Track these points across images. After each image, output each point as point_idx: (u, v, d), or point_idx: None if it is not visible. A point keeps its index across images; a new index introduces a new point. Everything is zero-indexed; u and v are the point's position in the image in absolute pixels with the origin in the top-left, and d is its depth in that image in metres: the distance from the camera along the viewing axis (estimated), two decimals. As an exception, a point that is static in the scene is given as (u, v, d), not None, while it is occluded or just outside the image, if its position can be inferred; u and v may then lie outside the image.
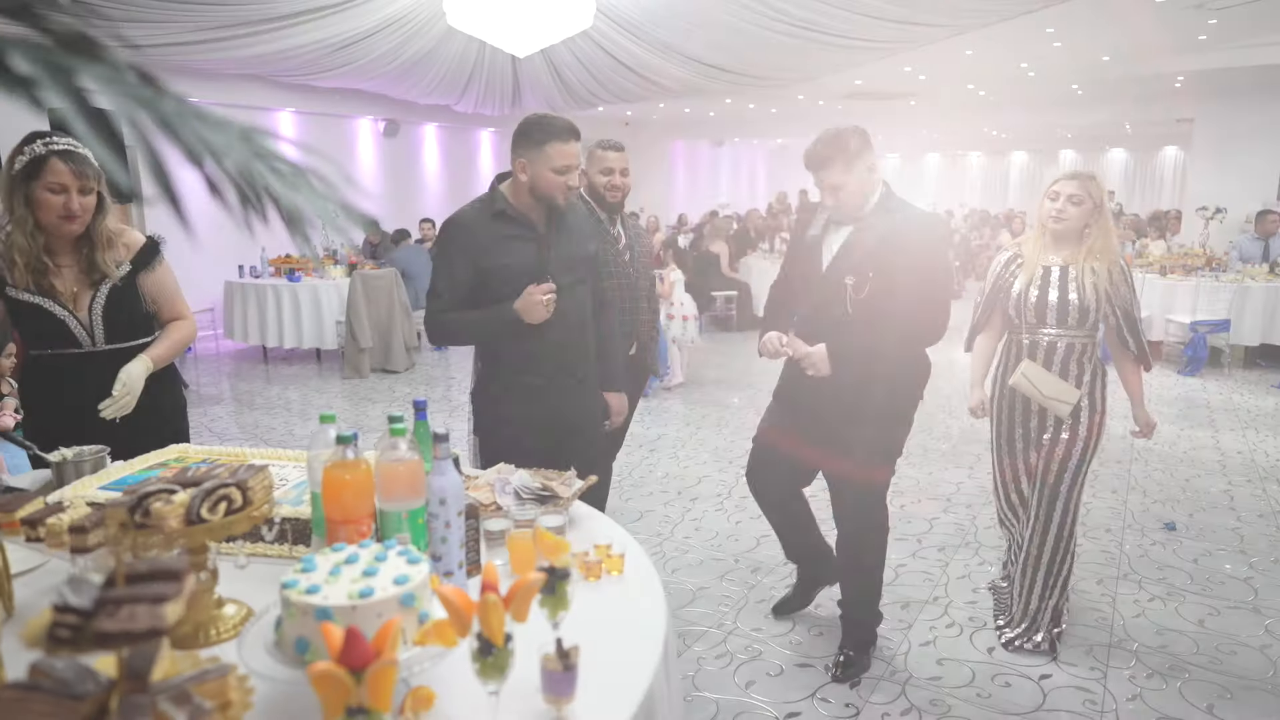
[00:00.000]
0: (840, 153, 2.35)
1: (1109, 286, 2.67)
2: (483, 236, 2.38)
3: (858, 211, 2.45)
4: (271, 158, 0.65)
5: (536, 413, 2.47)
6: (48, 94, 0.52)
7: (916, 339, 2.49)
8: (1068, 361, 2.74)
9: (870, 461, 2.60)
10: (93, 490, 1.75)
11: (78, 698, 0.81)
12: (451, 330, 2.48)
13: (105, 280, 2.28)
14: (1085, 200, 2.68)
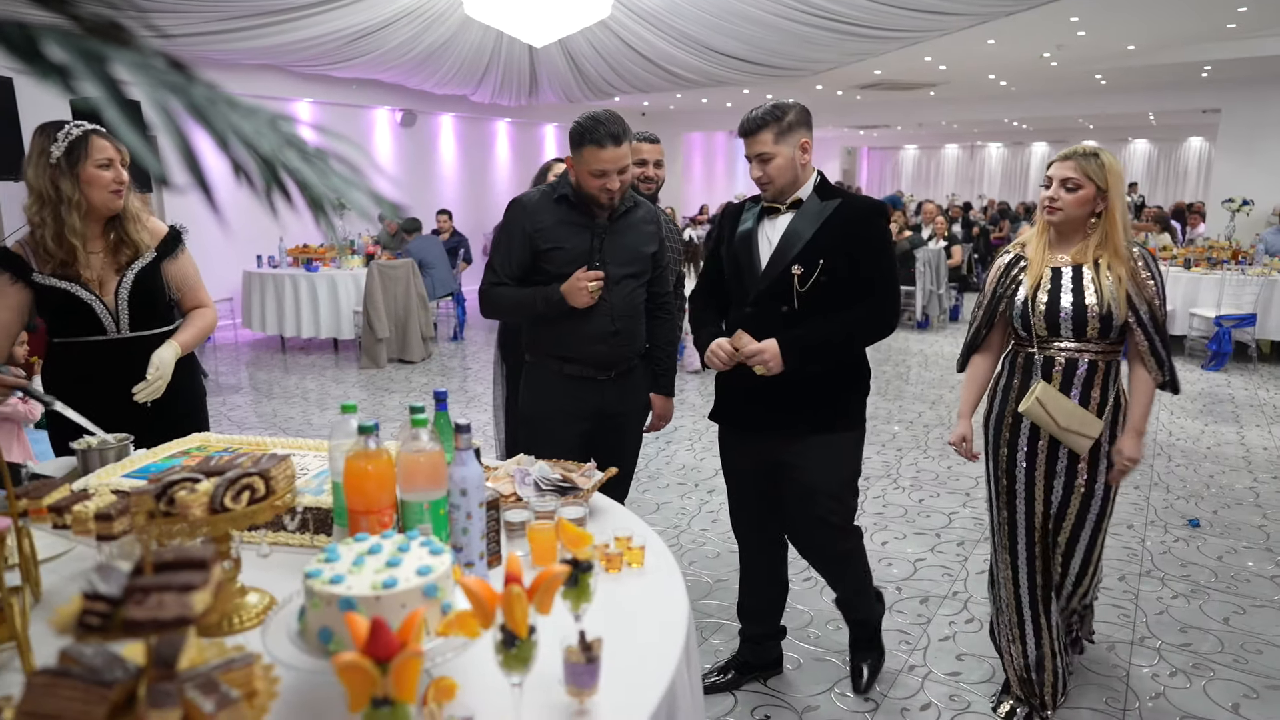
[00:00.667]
0: (774, 121, 2.19)
1: (1133, 287, 2.21)
2: (542, 219, 2.43)
3: (789, 193, 2.27)
4: (300, 144, 0.65)
5: (572, 404, 2.49)
6: (82, 82, 0.51)
7: (871, 331, 2.30)
8: (1089, 384, 2.27)
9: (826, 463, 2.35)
10: (117, 478, 1.76)
11: (107, 685, 0.81)
12: (499, 303, 2.51)
13: (131, 266, 2.31)
14: (1084, 185, 2.21)
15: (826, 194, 2.28)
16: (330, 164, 0.69)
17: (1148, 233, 9.66)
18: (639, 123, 16.63)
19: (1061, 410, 2.25)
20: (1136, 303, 2.22)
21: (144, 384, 2.21)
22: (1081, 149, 2.25)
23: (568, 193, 2.44)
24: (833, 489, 2.37)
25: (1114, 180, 2.21)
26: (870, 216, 2.28)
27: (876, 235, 2.29)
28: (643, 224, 2.56)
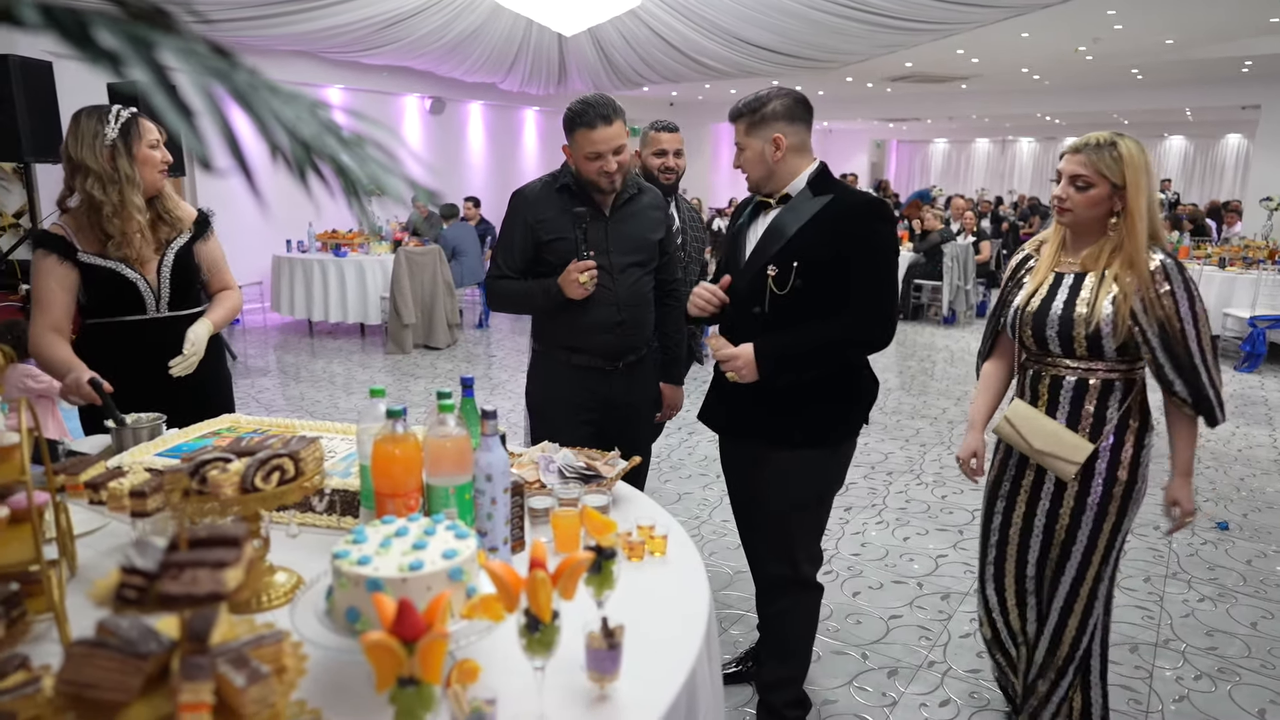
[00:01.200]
0: (748, 112, 2.06)
1: (1139, 303, 1.88)
2: (544, 209, 2.40)
3: (771, 187, 2.10)
4: (340, 131, 0.66)
5: (581, 394, 2.47)
6: (130, 67, 0.53)
7: (856, 345, 2.07)
8: (1080, 404, 1.99)
9: (787, 494, 2.16)
10: (150, 456, 1.80)
11: (142, 656, 0.83)
12: (504, 296, 2.50)
13: (171, 245, 2.38)
14: (1096, 182, 1.90)
15: (820, 189, 2.07)
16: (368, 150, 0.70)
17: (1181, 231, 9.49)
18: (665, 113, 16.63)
19: (1037, 431, 2.01)
20: (1144, 321, 1.89)
21: (180, 358, 2.26)
22: (1095, 139, 1.93)
23: (569, 182, 2.41)
24: (780, 507, 2.16)
25: (1134, 174, 1.88)
26: (865, 215, 2.04)
27: (872, 236, 2.03)
28: (648, 210, 2.51)
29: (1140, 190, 1.89)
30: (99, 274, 2.27)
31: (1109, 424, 1.98)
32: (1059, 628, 2.10)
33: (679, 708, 1.18)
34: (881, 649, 2.82)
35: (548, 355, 2.54)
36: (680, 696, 1.18)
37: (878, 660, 2.75)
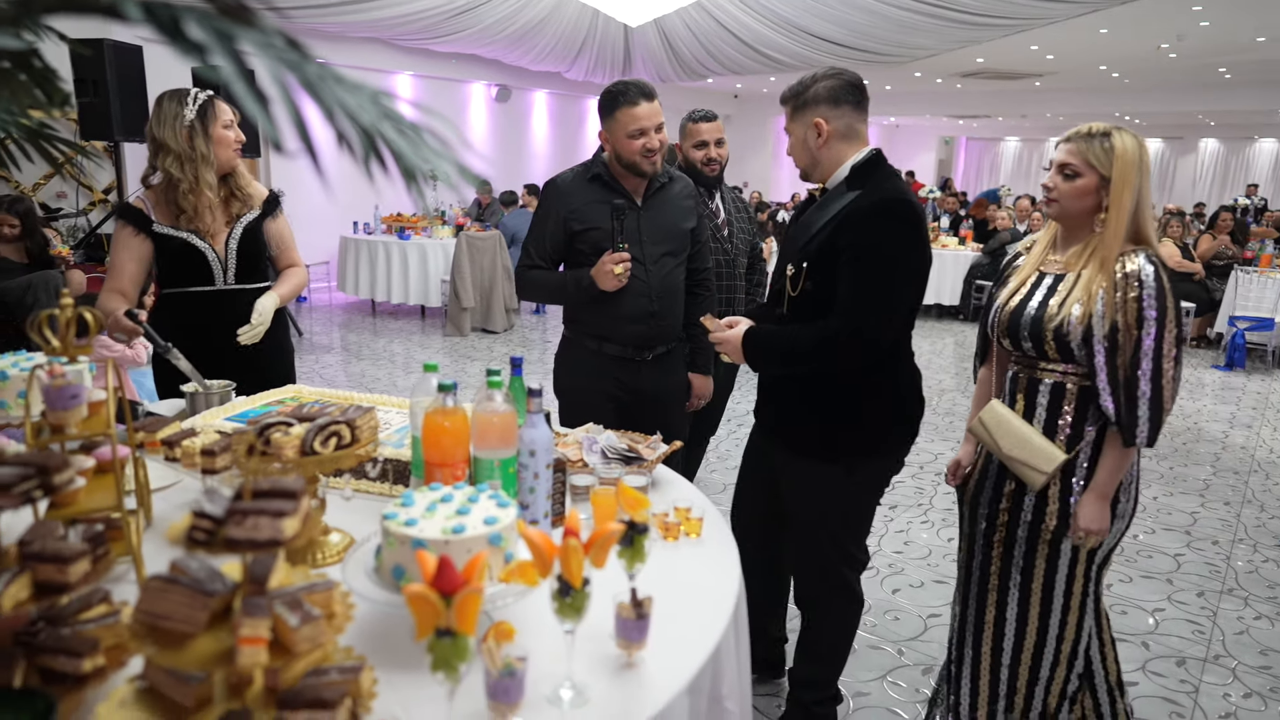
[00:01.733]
0: (792, 95, 1.96)
1: (1102, 305, 1.78)
2: (576, 200, 2.42)
3: (811, 171, 2.01)
4: (397, 118, 0.72)
5: (609, 383, 2.47)
6: (216, 58, 0.59)
7: (818, 355, 1.91)
8: (1057, 410, 1.89)
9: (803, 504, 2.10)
10: (220, 420, 1.91)
11: (209, 594, 0.91)
12: (534, 287, 2.52)
13: (240, 219, 2.51)
14: (1084, 172, 1.81)
15: (856, 182, 1.92)
16: (424, 137, 0.76)
17: (1265, 238, 9.10)
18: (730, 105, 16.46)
19: (1009, 435, 1.90)
20: (1096, 320, 1.78)
21: (248, 327, 2.39)
22: (1087, 128, 1.84)
23: (601, 172, 2.41)
24: (811, 518, 2.10)
25: (1124, 169, 1.78)
26: (871, 214, 1.86)
27: (870, 234, 1.85)
28: (680, 199, 2.51)
29: (1127, 186, 1.78)
30: (172, 244, 2.42)
31: (1087, 435, 1.87)
32: (1060, 630, 1.98)
33: (703, 680, 1.23)
34: (918, 646, 2.82)
35: (577, 342, 2.54)
36: (705, 669, 1.23)
37: (913, 657, 2.75)
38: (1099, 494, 1.85)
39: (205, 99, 2.39)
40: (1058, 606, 1.96)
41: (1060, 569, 1.94)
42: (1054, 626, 1.98)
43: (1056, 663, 2.01)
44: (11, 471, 0.96)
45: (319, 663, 0.99)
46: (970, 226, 10.06)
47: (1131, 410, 1.77)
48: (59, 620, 1.03)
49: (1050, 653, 2.00)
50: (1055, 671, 2.01)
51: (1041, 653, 2.01)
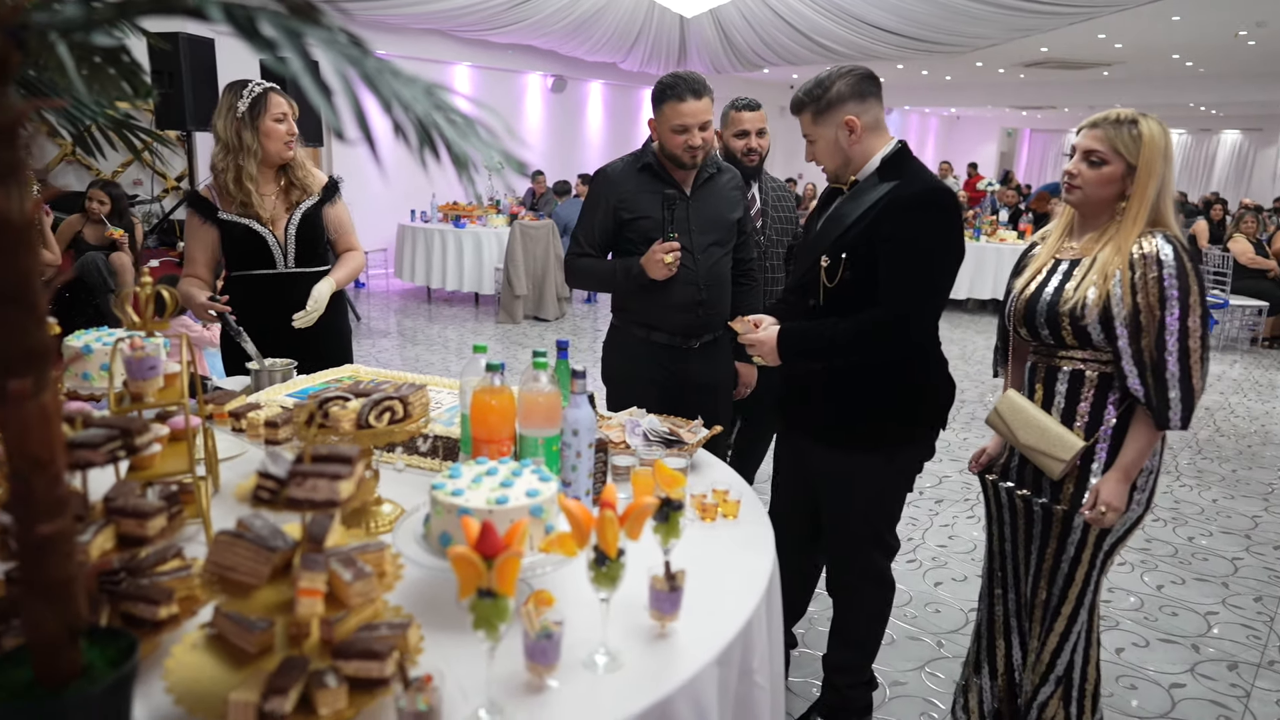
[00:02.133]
0: (811, 100, 1.95)
1: (1121, 287, 1.76)
2: (626, 189, 2.46)
3: (843, 172, 2.00)
4: (448, 110, 0.77)
5: (657, 370, 2.51)
6: (286, 53, 0.65)
7: (861, 346, 1.92)
8: (1075, 397, 1.87)
9: (838, 496, 2.12)
10: (282, 396, 2.02)
11: (271, 549, 0.99)
12: (582, 274, 2.55)
13: (299, 206, 2.60)
14: (1110, 160, 1.78)
15: (889, 173, 1.93)
16: (474, 127, 0.81)
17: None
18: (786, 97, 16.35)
19: (1024, 424, 1.89)
20: (1115, 304, 1.77)
21: (303, 313, 2.49)
22: (1115, 115, 1.81)
23: (651, 161, 2.44)
24: (846, 509, 2.11)
25: (1150, 156, 1.75)
26: (912, 204, 1.87)
27: (912, 225, 1.86)
28: (727, 189, 2.52)
29: (1153, 174, 1.76)
30: (236, 230, 2.54)
31: (1106, 422, 1.84)
32: (1049, 620, 2.00)
33: (733, 652, 1.27)
34: (958, 639, 2.81)
35: (624, 330, 2.58)
36: (735, 642, 1.27)
37: (953, 649, 2.75)
38: (1123, 473, 1.82)
39: (260, 92, 2.47)
40: (1059, 585, 1.95)
41: (1068, 548, 1.93)
42: (1053, 600, 1.97)
43: (1044, 643, 2.00)
44: (100, 433, 1.05)
45: (370, 619, 1.06)
46: (1031, 220, 9.84)
47: (1162, 392, 1.75)
48: (138, 571, 1.12)
49: (1045, 630, 2.00)
50: (1043, 650, 2.01)
51: (1048, 630, 2.01)
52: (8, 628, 0.99)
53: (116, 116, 1.30)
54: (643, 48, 10.04)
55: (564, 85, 12.21)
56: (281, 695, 0.91)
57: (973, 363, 7.03)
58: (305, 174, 2.63)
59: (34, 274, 0.77)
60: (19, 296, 0.75)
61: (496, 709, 1.04)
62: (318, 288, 2.54)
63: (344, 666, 0.98)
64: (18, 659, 0.89)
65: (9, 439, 0.80)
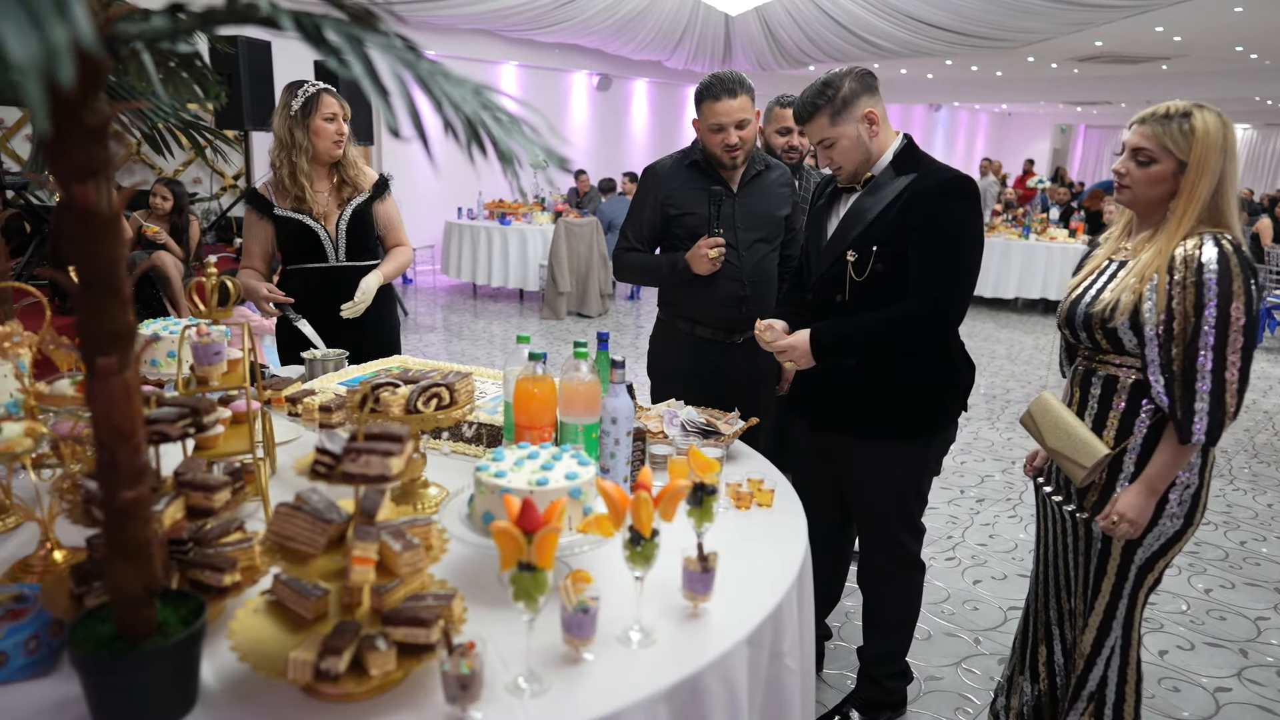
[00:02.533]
0: (825, 102, 1.94)
1: (1155, 292, 1.68)
2: (673, 185, 2.50)
3: (862, 170, 2.00)
4: (495, 109, 0.83)
5: (700, 365, 2.54)
6: (347, 56, 0.71)
7: (901, 335, 1.94)
8: (1108, 403, 1.81)
9: (884, 488, 2.13)
10: (334, 384, 2.10)
11: (327, 521, 1.06)
12: (629, 268, 2.59)
13: (350, 202, 2.70)
14: (1159, 158, 1.69)
15: (904, 167, 1.96)
16: (519, 125, 0.87)
17: None
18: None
19: (1052, 427, 1.86)
20: (1148, 308, 1.69)
21: (351, 303, 2.59)
22: (1165, 109, 1.70)
23: (698, 159, 2.48)
24: (875, 500, 2.15)
25: (1204, 152, 1.65)
26: (938, 193, 1.90)
27: (940, 213, 1.89)
28: (775, 186, 2.54)
29: (1205, 171, 1.66)
30: (290, 225, 2.65)
31: (1137, 432, 1.77)
32: (1077, 632, 1.96)
33: (763, 633, 1.31)
34: (997, 637, 2.81)
35: (670, 324, 2.61)
36: (765, 624, 1.31)
37: (990, 647, 2.75)
38: (1146, 485, 1.74)
39: (313, 92, 2.58)
40: (1088, 597, 1.91)
41: (1093, 558, 1.88)
42: (1083, 611, 1.93)
43: (1074, 651, 1.96)
44: (172, 411, 1.13)
45: (418, 590, 1.13)
46: (1083, 218, 9.64)
47: (1188, 405, 1.65)
48: (204, 542, 1.20)
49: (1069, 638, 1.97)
50: (1076, 661, 1.96)
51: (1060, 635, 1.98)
52: (90, 589, 1.08)
53: (186, 117, 1.38)
54: (688, 46, 10.06)
55: (609, 84, 12.29)
56: (336, 655, 0.98)
57: (1019, 362, 6.93)
58: (357, 172, 2.73)
59: (119, 261, 0.84)
60: (107, 282, 0.83)
61: (535, 678, 1.09)
62: (365, 280, 2.64)
63: (393, 632, 1.04)
64: (101, 616, 0.97)
65: (96, 412, 0.87)
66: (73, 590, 1.10)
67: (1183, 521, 1.79)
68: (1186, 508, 1.78)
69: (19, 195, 5.42)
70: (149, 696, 0.93)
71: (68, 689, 1.02)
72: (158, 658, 0.93)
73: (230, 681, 1.06)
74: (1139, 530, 1.76)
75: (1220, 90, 13.66)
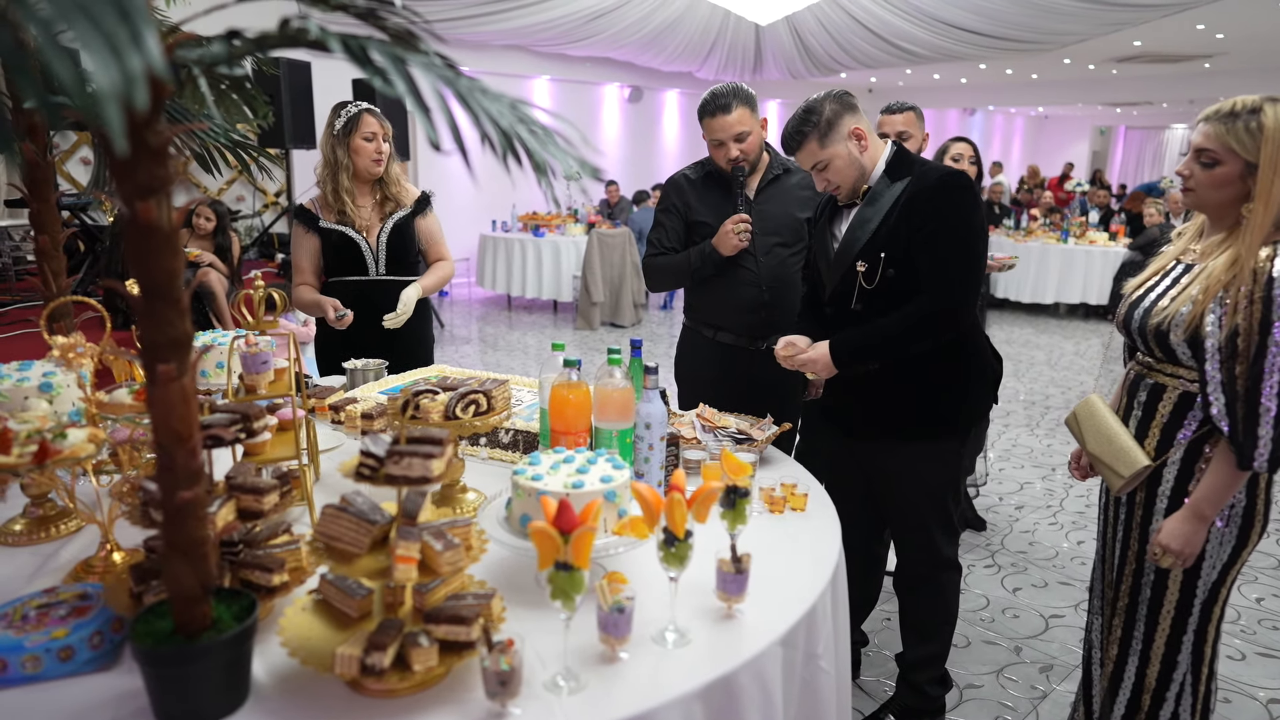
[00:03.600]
0: (811, 128, 1.98)
1: (1231, 309, 1.56)
2: (693, 194, 2.56)
3: (859, 185, 2.04)
4: (530, 122, 0.86)
5: (723, 371, 2.56)
6: (391, 76, 0.75)
7: (921, 332, 1.95)
8: (1152, 412, 1.74)
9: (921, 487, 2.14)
10: (375, 393, 2.16)
11: (371, 522, 1.10)
12: (660, 271, 2.61)
13: (391, 216, 2.77)
14: (1224, 159, 1.58)
15: (898, 172, 2.01)
16: (553, 137, 0.90)
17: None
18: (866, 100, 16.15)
19: (1095, 431, 1.80)
20: (1211, 321, 1.59)
21: (393, 315, 2.65)
22: (1230, 105, 1.59)
23: (713, 168, 2.53)
24: (914, 501, 2.16)
25: (1274, 153, 1.53)
26: (936, 189, 1.94)
27: (943, 208, 1.93)
28: (796, 190, 2.54)
29: (1279, 172, 1.53)
30: (334, 237, 2.73)
31: (1178, 446, 1.70)
32: (1140, 666, 1.84)
33: (797, 635, 1.32)
34: (1037, 645, 2.77)
35: (694, 330, 2.65)
36: (799, 625, 1.33)
37: (1031, 655, 2.71)
38: (1195, 513, 1.65)
39: (355, 112, 2.67)
40: (1140, 628, 1.82)
41: (1143, 589, 1.80)
42: (1136, 643, 1.83)
43: (1140, 687, 1.84)
44: (225, 416, 1.18)
45: (458, 589, 1.16)
46: (1124, 221, 9.48)
47: (1251, 428, 1.55)
48: (254, 544, 1.25)
49: (1131, 673, 1.85)
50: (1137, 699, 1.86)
51: (1122, 671, 1.88)
52: (149, 587, 1.13)
53: (236, 138, 1.44)
54: (718, 56, 10.10)
55: (641, 95, 12.37)
56: (381, 651, 1.02)
57: (1059, 368, 6.82)
58: (399, 189, 2.80)
59: (178, 273, 0.89)
60: (167, 292, 0.88)
61: (572, 675, 1.12)
62: (405, 292, 2.70)
63: (435, 630, 1.08)
64: (160, 612, 1.02)
65: (156, 416, 0.92)
66: (132, 589, 1.15)
67: (1236, 541, 1.71)
68: (1237, 526, 1.71)
69: (74, 215, 5.61)
70: (205, 688, 0.98)
71: (129, 681, 1.07)
72: (213, 651, 0.97)
73: (280, 676, 1.10)
74: (1188, 560, 1.68)
75: (1266, 87, 13.27)
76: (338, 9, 0.88)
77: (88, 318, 4.07)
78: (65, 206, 5.60)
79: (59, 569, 1.40)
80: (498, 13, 7.77)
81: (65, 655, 1.08)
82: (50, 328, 1.60)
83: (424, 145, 9.49)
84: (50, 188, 1.74)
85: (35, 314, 4.48)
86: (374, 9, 0.86)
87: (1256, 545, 1.74)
